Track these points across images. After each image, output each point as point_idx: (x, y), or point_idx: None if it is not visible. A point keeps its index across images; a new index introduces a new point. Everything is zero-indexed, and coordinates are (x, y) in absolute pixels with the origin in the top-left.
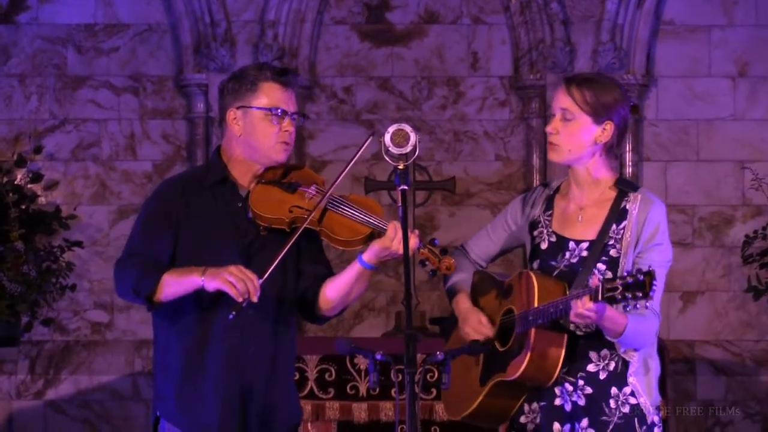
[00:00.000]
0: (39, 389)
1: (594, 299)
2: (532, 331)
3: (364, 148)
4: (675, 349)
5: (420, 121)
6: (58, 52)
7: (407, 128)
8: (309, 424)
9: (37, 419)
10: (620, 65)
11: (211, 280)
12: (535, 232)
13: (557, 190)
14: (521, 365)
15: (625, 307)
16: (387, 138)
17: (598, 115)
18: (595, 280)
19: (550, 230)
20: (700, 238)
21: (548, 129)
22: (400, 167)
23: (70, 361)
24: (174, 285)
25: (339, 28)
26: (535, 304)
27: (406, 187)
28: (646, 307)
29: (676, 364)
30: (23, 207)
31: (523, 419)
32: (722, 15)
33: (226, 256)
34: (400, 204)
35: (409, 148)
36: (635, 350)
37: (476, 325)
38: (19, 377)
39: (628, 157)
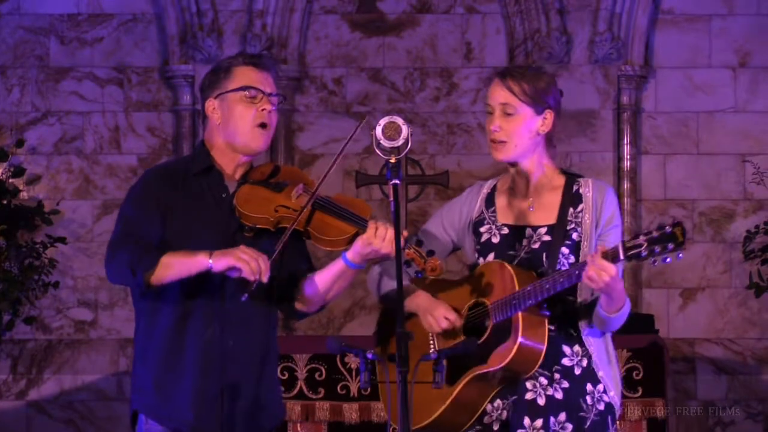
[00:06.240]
0: (21, 389)
1: (613, 259)
2: (519, 316)
3: (356, 132)
4: (675, 347)
5: (412, 113)
6: (40, 43)
7: (399, 120)
8: (298, 425)
9: (19, 420)
10: (618, 55)
11: (220, 260)
12: (482, 229)
13: (494, 188)
14: (510, 352)
15: (653, 262)
16: (378, 131)
17: (538, 104)
18: (599, 250)
19: (499, 224)
20: (701, 234)
21: (492, 127)
22: (392, 161)
23: (53, 360)
24: (176, 266)
25: (329, 17)
26: (517, 289)
27: (398, 181)
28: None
29: (677, 362)
30: (5, 202)
31: (486, 419)
32: (722, 4)
33: (208, 246)
34: (391, 198)
35: (401, 141)
36: (598, 336)
37: (445, 312)
38: (0, 377)
39: (627, 150)
